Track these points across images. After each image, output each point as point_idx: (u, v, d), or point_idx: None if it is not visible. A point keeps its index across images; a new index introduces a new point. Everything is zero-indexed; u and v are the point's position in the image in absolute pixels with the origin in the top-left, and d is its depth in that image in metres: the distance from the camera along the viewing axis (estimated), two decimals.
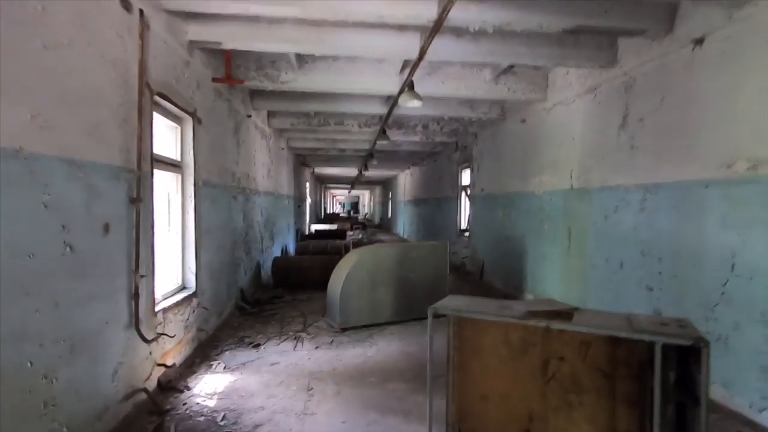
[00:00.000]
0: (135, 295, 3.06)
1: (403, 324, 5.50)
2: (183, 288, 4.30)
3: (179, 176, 4.26)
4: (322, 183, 30.44)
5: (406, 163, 16.95)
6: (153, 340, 3.33)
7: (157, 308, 3.50)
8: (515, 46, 4.51)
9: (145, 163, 3.28)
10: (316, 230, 16.71)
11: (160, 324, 3.53)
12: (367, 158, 12.39)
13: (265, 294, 7.14)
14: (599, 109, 4.97)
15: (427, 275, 5.74)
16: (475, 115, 7.69)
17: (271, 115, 8.67)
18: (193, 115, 4.33)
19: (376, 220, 33.78)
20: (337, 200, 60.28)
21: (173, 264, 4.22)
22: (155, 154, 3.59)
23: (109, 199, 2.81)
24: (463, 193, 10.62)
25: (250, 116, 6.91)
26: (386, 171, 20.28)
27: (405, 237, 19.11)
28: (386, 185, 27.72)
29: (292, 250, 12.15)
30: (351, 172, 20.47)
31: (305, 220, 18.00)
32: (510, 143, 7.55)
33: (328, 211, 37.36)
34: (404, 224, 19.61)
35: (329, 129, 9.13)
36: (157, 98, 3.53)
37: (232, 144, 5.95)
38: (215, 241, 5.13)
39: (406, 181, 19.30)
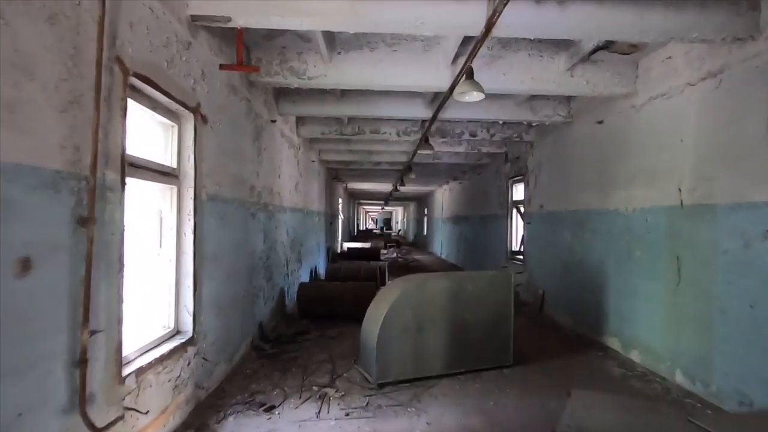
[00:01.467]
0: (81, 362, 2.07)
1: (456, 378, 4.30)
2: (176, 333, 3.31)
3: (174, 188, 3.31)
4: (355, 199, 29.70)
5: (445, 178, 15.80)
6: (115, 422, 2.32)
7: (126, 371, 2.51)
8: (618, 12, 3.34)
9: (110, 168, 2.33)
10: (348, 248, 15.73)
11: (131, 393, 2.53)
12: (404, 172, 11.35)
13: (288, 329, 6.11)
14: (728, 98, 3.68)
15: (486, 314, 4.53)
16: (536, 119, 6.49)
17: (299, 122, 7.80)
18: (195, 111, 3.41)
19: (410, 237, 32.58)
20: (369, 216, 59.75)
21: (163, 302, 3.24)
22: (132, 157, 2.65)
23: (34, 219, 1.85)
24: (514, 211, 9.34)
25: (274, 122, 6.02)
26: (422, 186, 19.18)
27: (443, 257, 17.82)
28: (421, 201, 26.58)
29: (322, 271, 11.18)
30: (385, 187, 19.51)
31: (337, 238, 17.11)
32: (580, 150, 6.28)
33: (360, 228, 36.55)
34: (442, 243, 18.34)
35: (364, 138, 8.16)
36: (135, 81, 2.60)
37: (251, 152, 5.03)
38: (225, 269, 4.16)
39: (444, 197, 18.10)
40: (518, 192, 9.23)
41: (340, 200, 18.30)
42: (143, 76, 2.65)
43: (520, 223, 9.10)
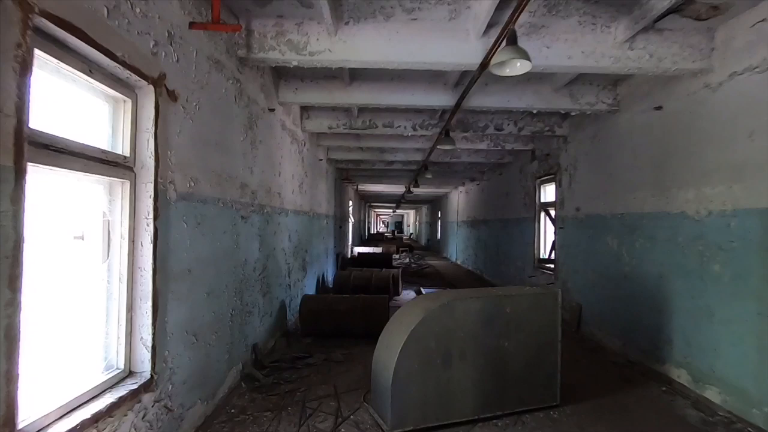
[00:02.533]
0: None
1: (492, 425, 3.42)
2: (128, 376, 2.50)
3: (126, 183, 2.51)
4: (366, 201, 28.91)
5: (461, 179, 14.90)
6: None
7: None
8: None
9: None
10: (358, 253, 14.91)
11: None
12: (418, 172, 10.49)
13: (288, 350, 5.28)
14: None
15: (528, 342, 3.64)
16: (576, 107, 5.58)
17: (304, 114, 7.01)
18: (157, 83, 2.61)
19: (423, 241, 31.64)
20: (381, 219, 58.94)
21: (108, 335, 2.43)
22: (45, 137, 1.85)
23: None
24: (543, 214, 8.40)
25: (273, 110, 5.21)
26: (436, 188, 18.29)
27: (458, 262, 16.88)
28: (435, 204, 25.66)
29: (330, 278, 10.36)
30: (397, 189, 18.68)
31: (347, 243, 16.31)
32: (629, 143, 5.35)
33: (371, 231, 35.75)
34: (457, 248, 17.40)
35: (376, 133, 7.32)
36: (48, 25, 1.80)
37: (242, 144, 4.23)
38: (204, 285, 3.35)
39: (459, 199, 17.18)
40: (547, 193, 8.30)
41: (351, 202, 17.51)
42: (61, 20, 1.84)
43: (550, 227, 8.16)
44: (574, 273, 6.74)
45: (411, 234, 44.29)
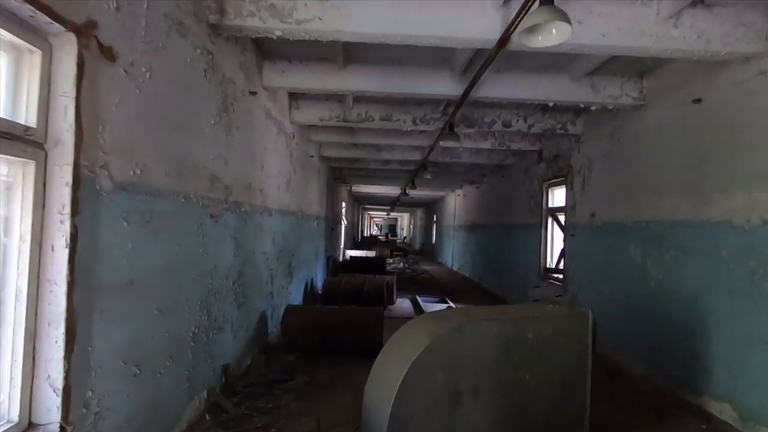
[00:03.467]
0: None
1: None
2: (26, 429, 1.81)
3: (30, 165, 1.83)
4: (360, 203, 28.25)
5: (460, 182, 14.29)
6: None
7: None
8: None
9: None
10: (351, 257, 14.23)
11: None
12: (416, 172, 9.85)
13: (266, 369, 4.58)
14: None
15: (553, 375, 3.00)
16: (597, 100, 4.97)
17: (293, 103, 6.35)
18: (82, 31, 1.94)
19: (417, 245, 31.02)
20: (374, 222, 58.26)
21: None
22: None
23: None
24: (550, 219, 7.80)
25: (255, 94, 4.55)
26: (432, 191, 17.67)
27: (454, 269, 16.26)
28: (430, 207, 25.06)
29: (320, 284, 9.67)
30: (392, 191, 18.03)
31: (339, 246, 15.63)
32: (657, 141, 4.76)
33: (365, 234, 35.08)
34: (453, 253, 16.78)
35: (372, 126, 6.69)
36: None
37: (213, 128, 3.56)
38: (153, 300, 2.67)
39: (457, 202, 16.57)
40: (556, 197, 7.70)
41: (344, 204, 16.84)
42: None
43: (558, 234, 7.56)
44: (587, 286, 6.12)
45: (404, 238, 43.67)
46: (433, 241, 23.07)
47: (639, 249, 4.94)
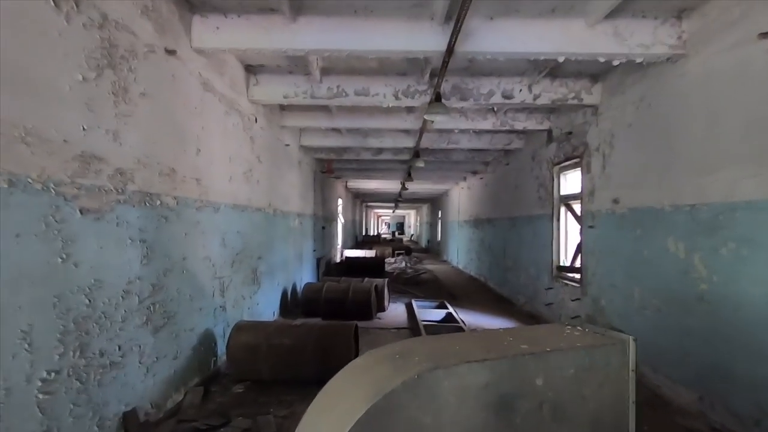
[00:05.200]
0: None
1: None
2: None
3: None
4: (362, 201, 27.24)
5: (462, 173, 13.16)
6: None
7: None
8: None
9: None
10: (346, 258, 13.21)
11: None
12: (411, 161, 8.77)
13: (198, 410, 3.55)
14: None
15: None
16: (624, 51, 3.85)
17: (251, 79, 5.33)
18: None
19: (423, 243, 29.91)
20: (382, 220, 57.20)
21: None
22: None
23: None
24: (563, 209, 6.67)
25: (173, 53, 3.51)
26: (434, 185, 16.56)
27: (459, 267, 15.15)
28: (435, 203, 23.92)
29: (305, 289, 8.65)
30: (392, 186, 16.96)
31: (335, 245, 14.62)
32: (705, 101, 3.63)
33: (370, 233, 34.09)
34: (458, 251, 15.66)
35: (347, 104, 5.65)
36: None
37: (82, 86, 2.54)
38: None
39: (460, 196, 15.44)
40: (569, 183, 6.57)
41: (340, 200, 15.82)
42: None
43: (573, 226, 6.43)
44: (611, 288, 5.00)
45: (412, 235, 42.59)
46: (438, 238, 21.95)
47: (681, 241, 3.81)
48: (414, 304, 7.78)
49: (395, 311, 7.63)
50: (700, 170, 3.61)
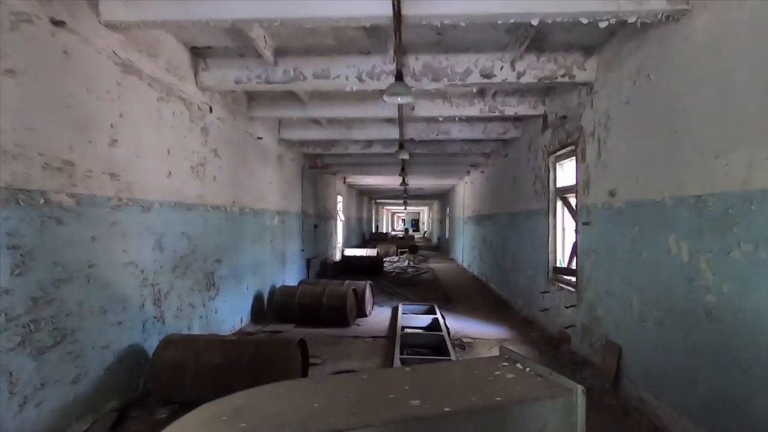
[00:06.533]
0: None
1: None
2: None
3: None
4: (370, 198, 26.69)
5: (464, 167, 12.43)
6: None
7: None
8: None
9: None
10: (342, 257, 12.69)
11: None
12: (395, 154, 8.13)
13: None
14: None
15: None
16: (612, 9, 3.14)
17: (199, 63, 4.82)
18: None
19: (434, 240, 29.16)
20: (398, 218, 56.48)
21: None
22: None
23: None
24: (560, 203, 5.93)
25: (61, 24, 2.99)
26: (439, 180, 15.86)
27: (464, 266, 14.42)
28: (444, 199, 23.16)
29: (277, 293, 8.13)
30: (395, 182, 16.29)
31: (334, 244, 14.10)
32: (715, 65, 2.91)
33: (381, 231, 33.54)
34: (463, 249, 14.93)
35: (306, 88, 5.12)
36: None
37: None
38: None
39: (465, 191, 14.69)
40: (566, 173, 5.83)
41: (340, 197, 15.29)
42: None
43: (570, 222, 5.70)
44: (608, 295, 4.28)
45: (425, 232, 41.80)
46: (447, 236, 21.20)
47: (684, 241, 3.09)
48: (400, 308, 7.16)
49: (379, 316, 7.03)
50: (708, 152, 2.88)
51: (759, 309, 2.46)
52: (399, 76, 4.07)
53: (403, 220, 56.33)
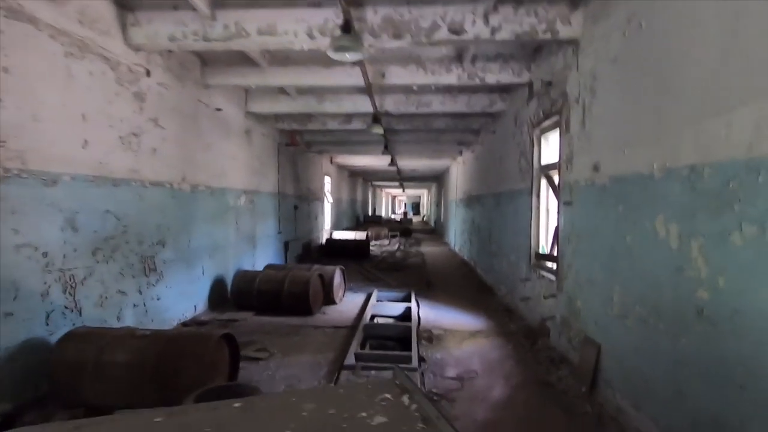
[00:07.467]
0: None
1: None
2: None
3: None
4: (365, 180, 26.06)
5: (456, 146, 11.75)
6: None
7: None
8: None
9: None
10: (326, 240, 12.18)
11: None
12: (368, 129, 7.50)
13: None
14: None
15: None
16: None
17: (128, 17, 4.20)
18: None
19: (432, 224, 28.62)
20: (399, 201, 55.79)
21: None
22: None
23: None
24: (544, 182, 5.33)
25: None
26: (432, 160, 15.19)
27: (456, 249, 13.89)
28: (440, 181, 22.50)
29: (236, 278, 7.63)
30: (385, 162, 15.62)
31: (321, 227, 13.59)
32: (712, 10, 2.26)
33: (377, 214, 33.01)
34: (455, 232, 14.38)
35: (250, 46, 4.46)
36: None
37: None
38: None
39: (458, 172, 14.05)
40: (551, 147, 5.21)
41: (328, 178, 14.70)
42: None
43: (554, 203, 5.11)
44: (588, 284, 3.72)
45: (424, 216, 41.23)
46: (441, 219, 20.63)
47: (674, 222, 2.51)
48: (374, 296, 6.66)
49: (349, 304, 6.53)
50: (707, 110, 2.28)
51: (765, 310, 1.89)
52: (346, 27, 3.45)
53: (405, 204, 55.81)
